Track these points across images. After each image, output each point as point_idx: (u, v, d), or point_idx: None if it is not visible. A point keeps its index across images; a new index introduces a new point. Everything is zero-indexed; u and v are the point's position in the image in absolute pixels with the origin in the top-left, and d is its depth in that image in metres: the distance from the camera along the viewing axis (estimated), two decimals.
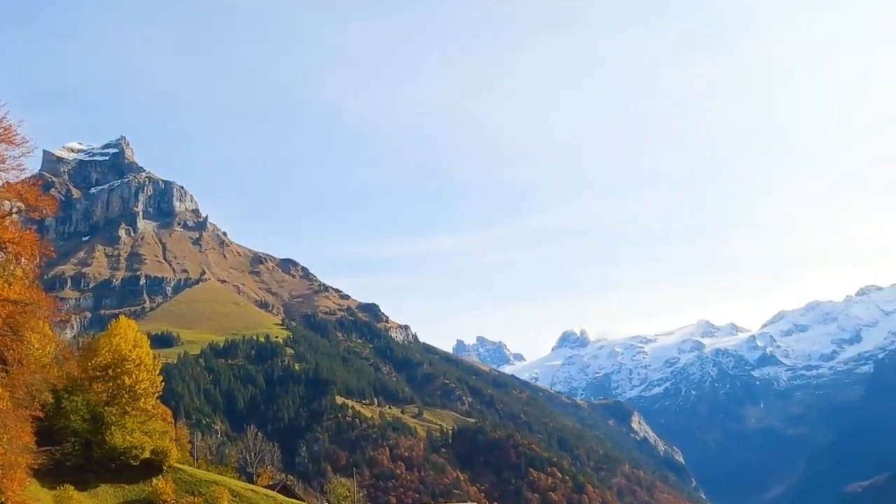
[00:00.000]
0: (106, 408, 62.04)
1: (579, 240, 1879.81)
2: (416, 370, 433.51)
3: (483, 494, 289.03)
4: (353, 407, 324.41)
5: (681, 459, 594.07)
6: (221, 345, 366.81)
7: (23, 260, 42.09)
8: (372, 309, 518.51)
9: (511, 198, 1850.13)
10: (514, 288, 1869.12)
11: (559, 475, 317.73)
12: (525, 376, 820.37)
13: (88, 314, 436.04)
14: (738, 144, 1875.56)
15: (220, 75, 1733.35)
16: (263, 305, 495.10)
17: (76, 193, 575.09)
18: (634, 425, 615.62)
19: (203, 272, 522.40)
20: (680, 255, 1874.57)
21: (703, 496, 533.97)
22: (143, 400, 65.57)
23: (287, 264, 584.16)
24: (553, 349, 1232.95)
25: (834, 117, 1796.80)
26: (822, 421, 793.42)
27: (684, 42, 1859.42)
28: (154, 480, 60.57)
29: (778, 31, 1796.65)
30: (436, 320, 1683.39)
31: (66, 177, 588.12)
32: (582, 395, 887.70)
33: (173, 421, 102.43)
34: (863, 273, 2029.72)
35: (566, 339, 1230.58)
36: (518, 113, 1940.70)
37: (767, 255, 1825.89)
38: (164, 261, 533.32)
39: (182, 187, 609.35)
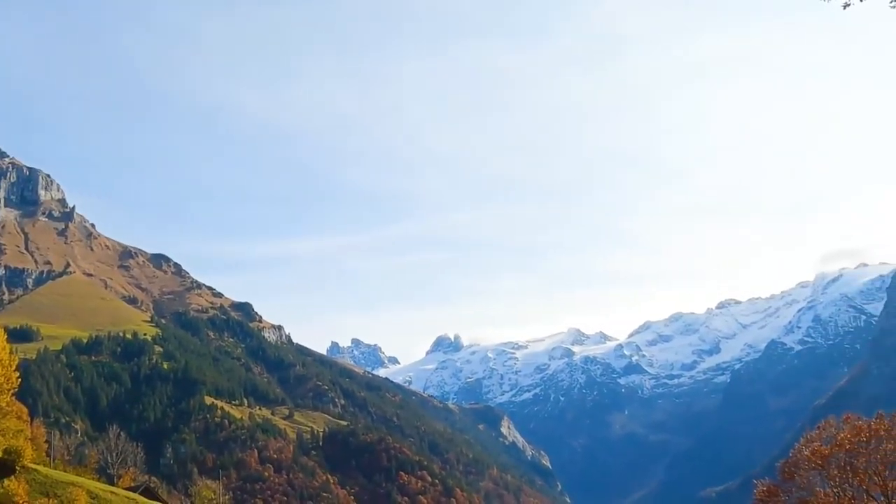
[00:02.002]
0: None
1: (455, 246, 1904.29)
2: (289, 371, 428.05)
3: (353, 498, 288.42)
4: (222, 408, 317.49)
5: (547, 464, 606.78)
6: (85, 341, 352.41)
7: None
8: (245, 308, 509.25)
9: (387, 203, 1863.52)
10: (390, 291, 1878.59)
11: (429, 479, 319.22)
12: (399, 379, 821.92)
13: None
14: (608, 160, 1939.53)
15: (93, 65, 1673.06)
16: (132, 301, 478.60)
17: None
18: (504, 430, 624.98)
19: (68, 265, 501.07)
20: (553, 265, 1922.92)
21: (568, 500, 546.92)
22: None
23: (159, 259, 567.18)
24: (427, 353, 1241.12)
25: (695, 139, 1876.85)
26: (681, 428, 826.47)
27: (559, 59, 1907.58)
28: (6, 481, 58.05)
29: (647, 54, 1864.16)
30: (311, 321, 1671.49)
31: None
32: (454, 399, 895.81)
33: (29, 419, 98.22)
34: (723, 287, 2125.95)
35: (440, 344, 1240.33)
36: (396, 120, 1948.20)
37: (636, 267, 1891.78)
38: (25, 251, 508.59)
39: (48, 175, 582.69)
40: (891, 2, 15.65)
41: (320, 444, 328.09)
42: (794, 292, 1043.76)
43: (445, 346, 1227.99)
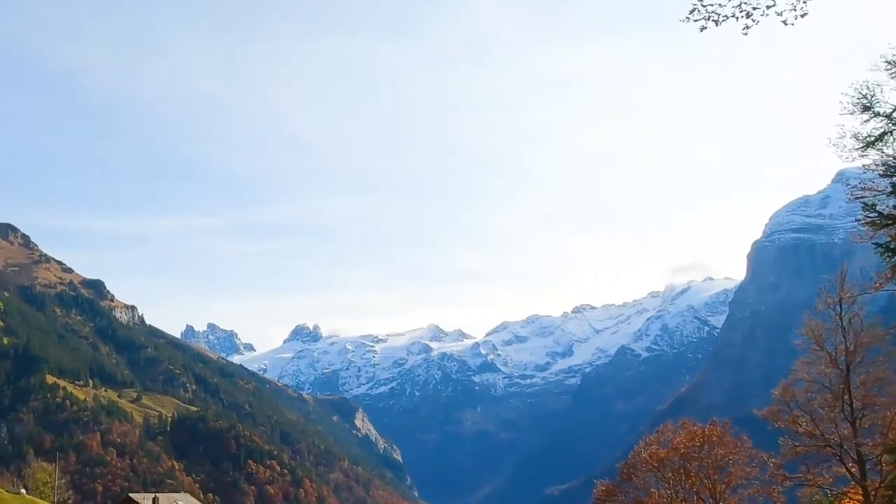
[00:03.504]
0: None
1: (318, 235, 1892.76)
2: (140, 353, 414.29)
3: (198, 485, 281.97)
4: (64, 387, 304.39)
5: (399, 458, 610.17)
6: None
7: None
8: (97, 285, 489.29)
9: (251, 186, 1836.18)
10: (250, 277, 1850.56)
11: (278, 468, 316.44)
12: (254, 367, 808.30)
13: None
14: (476, 162, 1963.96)
15: None
16: None
17: None
18: (358, 422, 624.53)
19: None
20: (416, 260, 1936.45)
21: (417, 494, 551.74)
22: None
23: (5, 229, 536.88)
24: (285, 342, 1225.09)
25: (557, 149, 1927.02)
26: (531, 427, 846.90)
27: (431, 58, 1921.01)
28: None
29: (516, 61, 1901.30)
30: (166, 303, 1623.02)
31: None
32: (309, 389, 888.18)
33: None
34: (580, 293, 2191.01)
35: (299, 333, 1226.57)
36: (263, 103, 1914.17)
37: (497, 268, 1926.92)
38: None
39: None
40: (743, 29, 16.76)
41: (168, 429, 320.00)
42: (645, 301, 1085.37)
43: (304, 335, 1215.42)
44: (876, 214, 22.22)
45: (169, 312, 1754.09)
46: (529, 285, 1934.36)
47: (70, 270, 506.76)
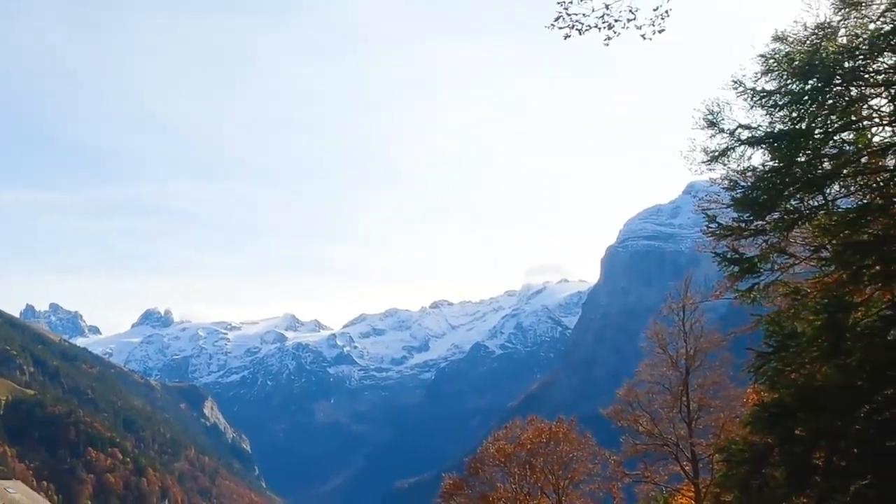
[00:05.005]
0: None
1: (172, 217, 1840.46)
2: None
3: (31, 472, 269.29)
4: None
5: (247, 448, 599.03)
6: None
7: None
8: None
9: (102, 162, 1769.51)
10: (98, 256, 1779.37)
11: (120, 456, 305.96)
12: (99, 351, 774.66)
13: None
14: (342, 153, 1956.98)
15: None
16: None
17: None
18: (206, 411, 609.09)
19: None
20: (275, 249, 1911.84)
21: (265, 485, 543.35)
22: None
23: None
24: (133, 326, 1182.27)
25: (417, 144, 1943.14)
26: (383, 420, 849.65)
27: (306, 47, 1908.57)
28: None
29: (384, 56, 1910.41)
30: (4, 280, 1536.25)
31: None
32: (158, 375, 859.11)
33: None
34: (438, 288, 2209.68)
35: (148, 317, 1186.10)
36: (123, 78, 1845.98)
37: (357, 260, 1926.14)
38: None
39: None
40: (605, 40, 17.21)
41: (0, 413, 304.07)
42: (501, 300, 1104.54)
43: (154, 319, 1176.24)
44: (717, 226, 23.27)
45: (7, 290, 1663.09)
46: (389, 278, 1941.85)
47: None
